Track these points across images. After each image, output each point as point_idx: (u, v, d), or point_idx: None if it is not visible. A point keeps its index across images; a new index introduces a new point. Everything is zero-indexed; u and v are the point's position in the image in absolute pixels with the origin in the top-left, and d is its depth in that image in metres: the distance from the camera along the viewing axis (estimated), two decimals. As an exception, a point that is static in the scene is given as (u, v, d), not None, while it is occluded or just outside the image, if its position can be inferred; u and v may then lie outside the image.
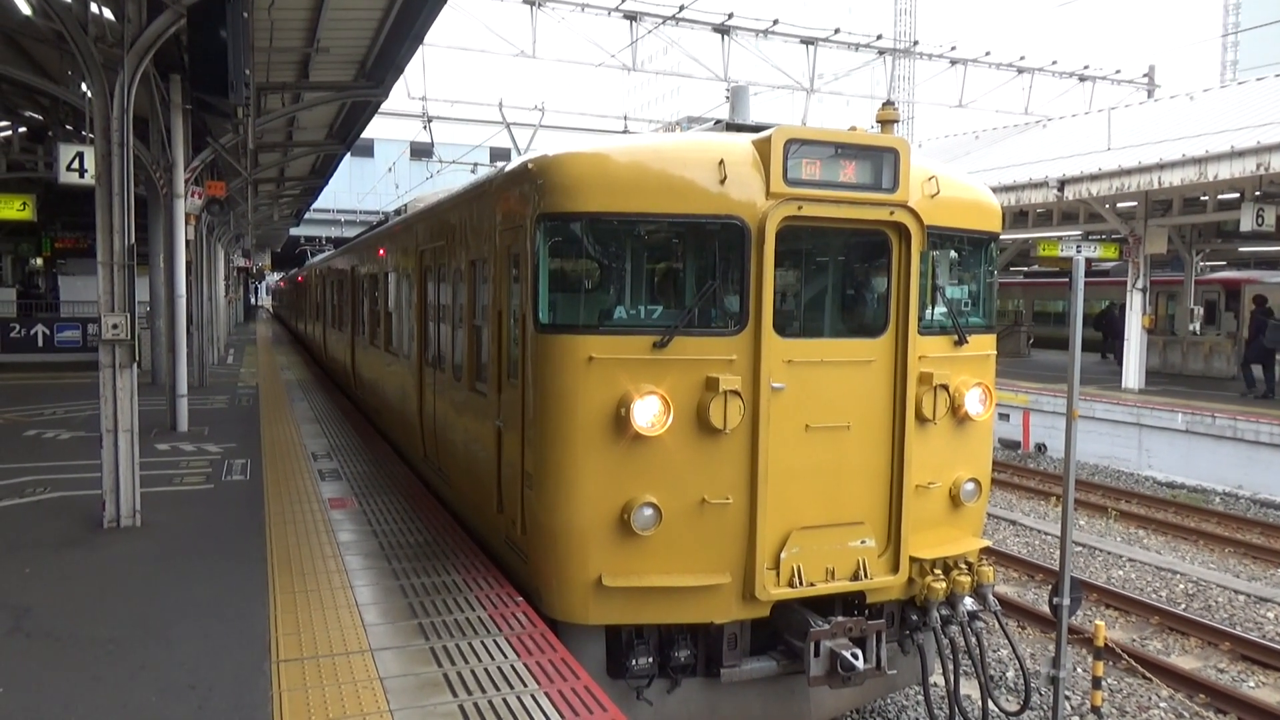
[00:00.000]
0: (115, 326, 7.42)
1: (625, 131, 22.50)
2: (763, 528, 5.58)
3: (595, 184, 5.54)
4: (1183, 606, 10.12)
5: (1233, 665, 8.70)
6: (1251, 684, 8.31)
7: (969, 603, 6.19)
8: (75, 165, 11.46)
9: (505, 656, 5.10)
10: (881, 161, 5.74)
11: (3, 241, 27.75)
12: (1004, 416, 20.00)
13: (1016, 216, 23.42)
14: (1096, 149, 19.68)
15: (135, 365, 7.64)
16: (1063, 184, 18.54)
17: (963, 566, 6.18)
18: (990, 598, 6.29)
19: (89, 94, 7.60)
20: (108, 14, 8.37)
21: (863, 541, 5.92)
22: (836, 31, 23.19)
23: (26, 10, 10.89)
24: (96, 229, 7.42)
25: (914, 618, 6.23)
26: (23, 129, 19.19)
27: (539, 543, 5.81)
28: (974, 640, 6.28)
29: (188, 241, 13.88)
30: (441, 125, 25.00)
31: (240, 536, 7.39)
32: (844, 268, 6.52)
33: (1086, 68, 27.79)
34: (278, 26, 11.45)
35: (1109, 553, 12.11)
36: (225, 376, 19.85)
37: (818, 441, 5.78)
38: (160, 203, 13.83)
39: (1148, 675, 8.19)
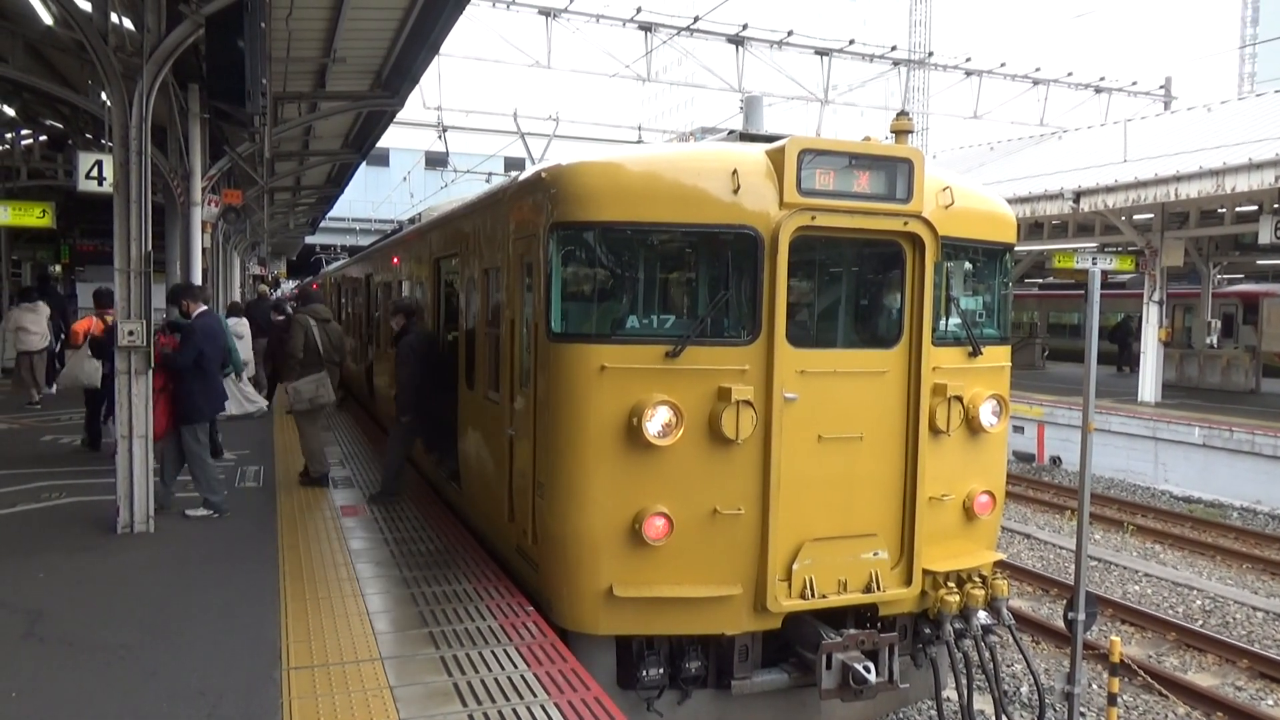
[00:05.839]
0: (131, 333, 7.47)
1: (639, 142, 22.53)
2: (775, 539, 5.56)
3: (608, 193, 5.54)
4: (1200, 622, 10.00)
5: (1251, 683, 8.58)
6: (1270, 702, 8.20)
7: (983, 616, 6.14)
8: (94, 173, 11.55)
9: (515, 666, 5.08)
10: (895, 172, 5.73)
11: (22, 248, 28.00)
12: (1019, 429, 19.86)
13: (1032, 228, 23.31)
14: (1112, 161, 19.55)
15: (150, 371, 7.68)
16: (1078, 196, 18.43)
17: (976, 579, 6.14)
18: (1004, 611, 6.23)
19: (108, 103, 7.66)
20: (127, 24, 8.46)
21: (875, 553, 5.89)
22: (851, 43, 23.21)
23: (48, 20, 11.02)
24: (114, 236, 7.48)
25: (927, 631, 6.18)
26: (43, 137, 19.36)
27: (550, 552, 5.80)
28: (988, 654, 6.23)
29: (204, 249, 13.96)
30: (456, 135, 25.07)
31: (252, 543, 7.41)
32: (857, 278, 6.50)
33: (1102, 79, 27.70)
34: (295, 36, 11.52)
35: (1125, 567, 11.99)
36: (240, 383, 19.89)
37: (830, 452, 5.75)
38: (177, 210, 13.90)
39: (1164, 692, 8.09)
